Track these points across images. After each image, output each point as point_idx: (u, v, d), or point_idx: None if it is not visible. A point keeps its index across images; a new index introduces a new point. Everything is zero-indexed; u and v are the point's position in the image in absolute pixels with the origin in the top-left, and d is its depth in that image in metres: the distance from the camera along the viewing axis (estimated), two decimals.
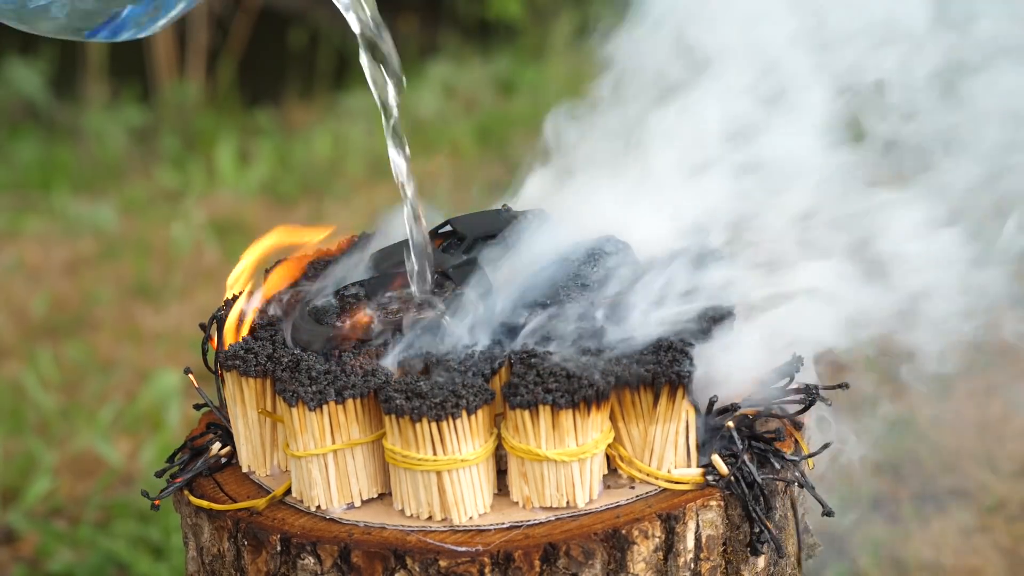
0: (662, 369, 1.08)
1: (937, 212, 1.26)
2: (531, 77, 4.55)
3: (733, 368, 1.13)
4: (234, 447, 1.20)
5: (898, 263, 1.24)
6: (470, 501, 1.09)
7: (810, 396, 1.18)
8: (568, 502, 1.09)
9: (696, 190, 1.29)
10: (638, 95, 1.33)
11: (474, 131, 4.22)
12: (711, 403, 1.13)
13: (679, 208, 1.29)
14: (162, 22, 1.13)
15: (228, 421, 1.20)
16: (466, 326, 1.17)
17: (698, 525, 1.09)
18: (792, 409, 1.18)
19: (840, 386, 1.22)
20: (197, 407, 1.27)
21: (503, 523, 1.09)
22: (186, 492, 1.17)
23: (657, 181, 1.30)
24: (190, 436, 1.23)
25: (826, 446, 1.17)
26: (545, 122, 1.35)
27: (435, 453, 1.07)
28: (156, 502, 1.16)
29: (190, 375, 1.24)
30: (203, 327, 1.23)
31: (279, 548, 1.09)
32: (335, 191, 3.98)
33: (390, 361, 1.14)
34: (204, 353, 1.23)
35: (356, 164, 4.14)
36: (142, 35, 1.14)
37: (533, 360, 1.11)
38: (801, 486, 1.15)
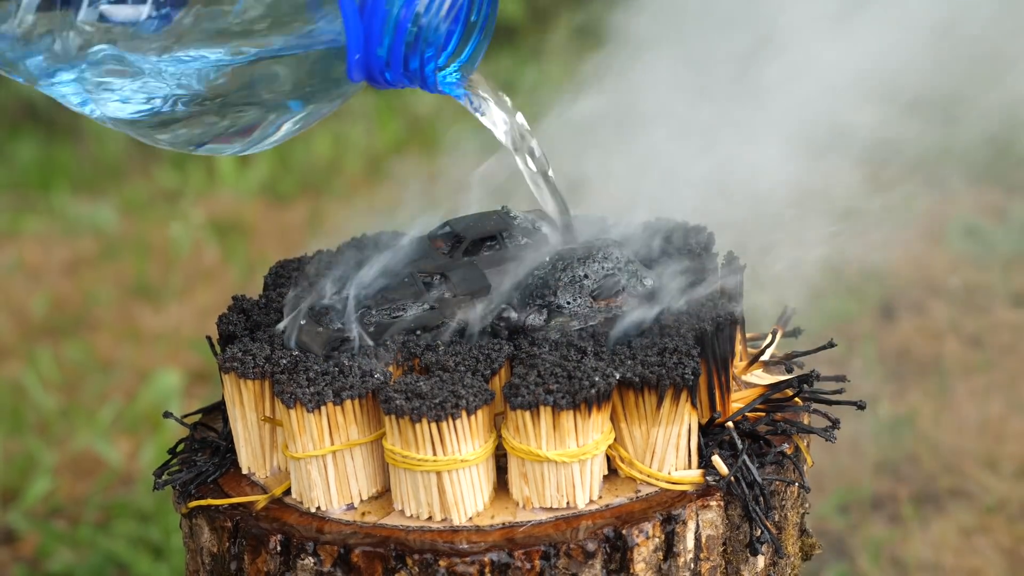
0: (667, 371, 1.08)
1: None
2: (531, 77, 4.55)
3: None
4: (231, 450, 1.20)
5: None
6: (470, 501, 1.09)
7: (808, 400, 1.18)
8: (568, 502, 1.09)
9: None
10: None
11: (474, 131, 4.22)
12: (712, 418, 1.14)
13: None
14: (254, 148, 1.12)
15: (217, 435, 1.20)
16: (465, 326, 1.17)
17: (698, 525, 1.09)
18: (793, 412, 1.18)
19: (839, 378, 1.23)
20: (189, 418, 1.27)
21: (503, 523, 1.09)
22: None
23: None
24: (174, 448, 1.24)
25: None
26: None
27: (435, 453, 1.07)
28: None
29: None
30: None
31: (279, 548, 1.09)
32: (334, 191, 3.98)
33: (389, 360, 1.14)
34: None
35: (355, 164, 4.14)
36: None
37: (534, 360, 1.11)
38: (801, 487, 1.15)
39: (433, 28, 1.03)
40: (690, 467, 1.12)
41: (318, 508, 1.12)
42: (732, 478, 1.10)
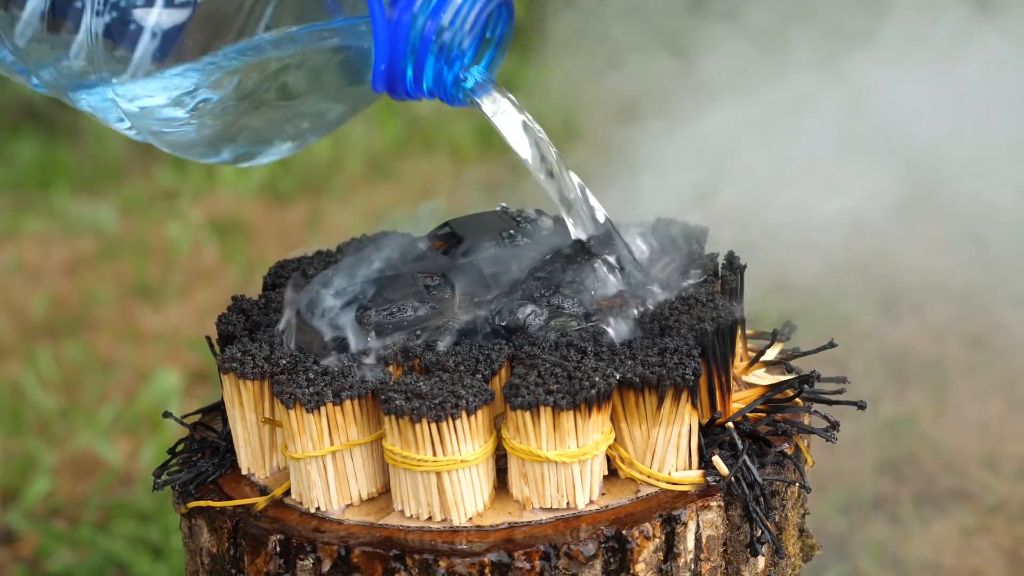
0: (667, 372, 1.08)
1: None
2: (531, 77, 4.55)
3: None
4: (231, 450, 1.20)
5: None
6: (470, 501, 1.09)
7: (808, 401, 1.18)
8: (568, 503, 1.09)
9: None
10: None
11: (474, 131, 4.22)
12: (713, 418, 1.13)
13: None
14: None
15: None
16: (464, 326, 1.17)
17: (698, 526, 1.09)
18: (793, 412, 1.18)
19: (839, 378, 1.23)
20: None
21: (503, 523, 1.09)
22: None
23: None
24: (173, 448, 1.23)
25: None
26: None
27: (435, 454, 1.07)
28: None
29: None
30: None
31: (278, 549, 1.09)
32: (334, 190, 3.98)
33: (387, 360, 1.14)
34: None
35: (355, 163, 4.14)
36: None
37: (534, 360, 1.10)
38: (802, 487, 1.15)
39: (457, 43, 1.05)
40: (690, 467, 1.12)
41: (318, 508, 1.12)
42: (732, 478, 1.10)
